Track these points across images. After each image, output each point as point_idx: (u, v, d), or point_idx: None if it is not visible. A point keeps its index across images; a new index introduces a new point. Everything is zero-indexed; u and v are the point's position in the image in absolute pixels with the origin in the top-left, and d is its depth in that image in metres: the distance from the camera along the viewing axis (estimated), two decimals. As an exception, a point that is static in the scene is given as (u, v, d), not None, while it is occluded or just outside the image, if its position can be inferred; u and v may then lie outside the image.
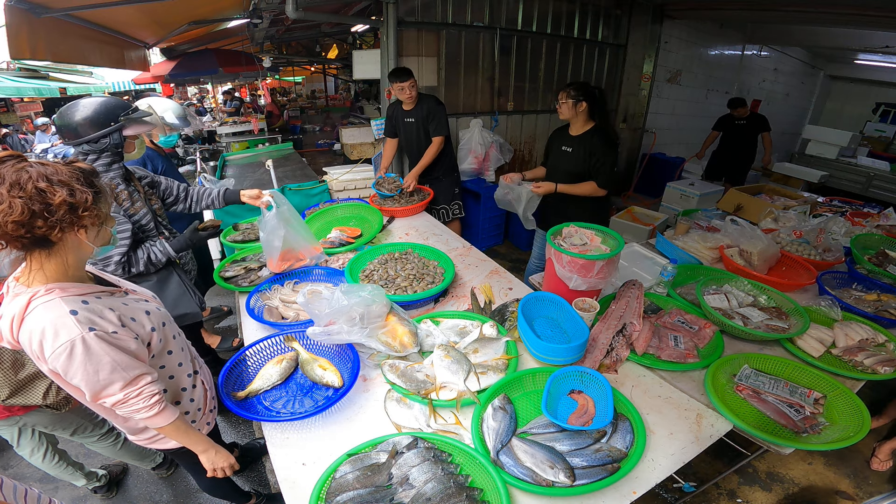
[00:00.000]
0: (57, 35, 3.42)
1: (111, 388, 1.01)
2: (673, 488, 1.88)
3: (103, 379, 0.99)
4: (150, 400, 1.07)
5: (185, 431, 1.20)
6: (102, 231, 1.03)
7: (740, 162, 4.86)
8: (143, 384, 1.05)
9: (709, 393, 1.36)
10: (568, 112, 2.33)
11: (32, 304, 0.94)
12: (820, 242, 2.32)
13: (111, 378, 0.99)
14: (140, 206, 1.73)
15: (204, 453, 1.26)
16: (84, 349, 0.94)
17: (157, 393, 1.08)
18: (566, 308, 1.64)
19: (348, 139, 7.14)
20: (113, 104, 1.61)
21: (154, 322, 1.14)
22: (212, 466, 1.28)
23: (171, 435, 1.18)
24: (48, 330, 0.92)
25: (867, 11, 3.69)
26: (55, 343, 0.93)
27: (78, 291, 1.00)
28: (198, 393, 1.34)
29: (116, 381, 1.00)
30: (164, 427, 1.13)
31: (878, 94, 8.99)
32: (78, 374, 0.96)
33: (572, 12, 4.68)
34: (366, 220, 2.56)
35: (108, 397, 1.02)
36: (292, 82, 15.79)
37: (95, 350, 0.96)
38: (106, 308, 1.02)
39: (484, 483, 1.10)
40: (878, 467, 2.06)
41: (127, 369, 1.01)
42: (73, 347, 0.93)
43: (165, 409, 1.11)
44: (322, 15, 3.96)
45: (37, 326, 0.93)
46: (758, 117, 4.71)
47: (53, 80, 8.97)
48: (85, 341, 0.94)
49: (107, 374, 0.99)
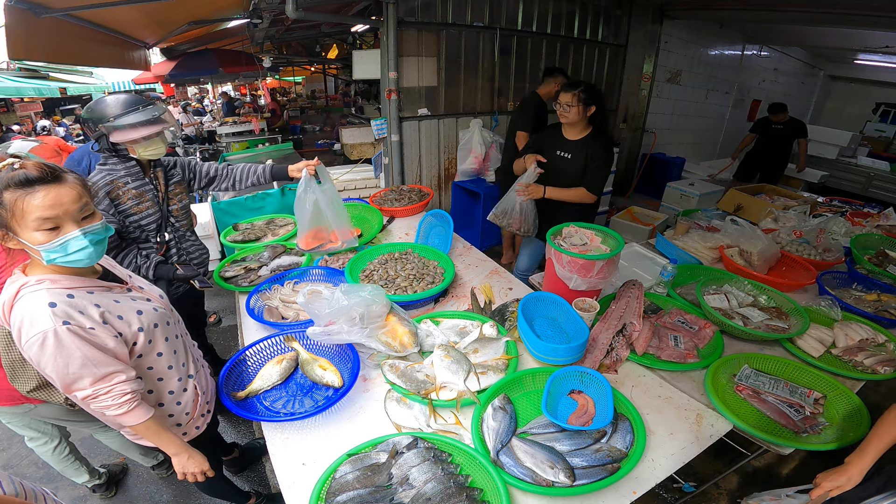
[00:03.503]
0: (57, 35, 3.42)
1: (81, 383, 1.02)
2: (673, 488, 1.88)
3: (73, 372, 1.00)
4: (121, 398, 1.06)
5: (156, 432, 1.19)
6: (20, 243, 0.97)
7: (774, 165, 4.89)
8: (115, 382, 1.05)
9: (709, 393, 1.36)
10: (576, 116, 2.14)
11: (21, 292, 0.98)
12: (820, 242, 2.32)
13: (81, 373, 1.00)
14: (147, 206, 1.73)
15: (175, 456, 1.26)
16: (55, 342, 0.96)
17: (129, 392, 1.08)
18: (566, 308, 1.64)
19: (348, 139, 7.14)
20: (102, 109, 1.59)
21: (144, 322, 1.14)
22: (182, 471, 1.27)
23: (143, 434, 1.18)
24: (26, 319, 0.96)
25: (867, 11, 3.69)
26: (29, 332, 0.95)
27: (69, 284, 1.02)
28: (187, 397, 1.31)
29: (86, 377, 1.01)
30: (136, 426, 1.14)
31: (878, 94, 8.99)
32: (49, 365, 0.98)
33: (572, 12, 4.68)
34: (366, 220, 2.55)
35: (77, 391, 1.03)
36: (292, 82, 15.80)
37: (67, 343, 0.97)
38: (91, 304, 1.03)
39: (484, 483, 1.10)
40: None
41: (98, 366, 1.02)
42: (45, 339, 0.95)
43: (136, 409, 1.10)
44: (322, 15, 3.95)
45: (18, 314, 0.96)
46: (796, 123, 4.73)
47: (53, 80, 8.96)
48: (57, 334, 0.96)
49: (76, 369, 1.00)
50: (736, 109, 7.35)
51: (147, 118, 1.61)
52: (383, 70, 3.75)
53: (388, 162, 4.10)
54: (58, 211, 0.95)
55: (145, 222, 1.74)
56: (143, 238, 1.78)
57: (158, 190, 1.79)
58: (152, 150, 1.69)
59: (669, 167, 5.58)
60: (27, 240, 0.96)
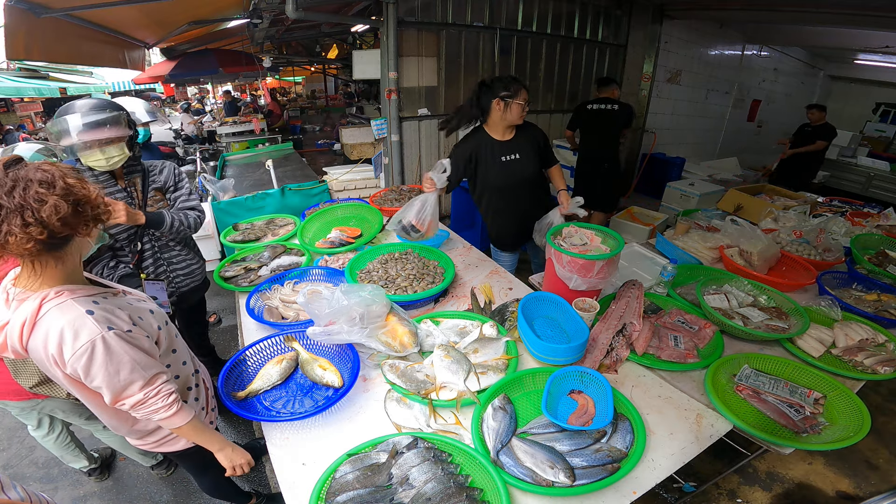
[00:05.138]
0: (55, 35, 3.42)
1: (132, 388, 1.00)
2: (673, 488, 1.88)
3: (124, 378, 0.98)
4: (169, 399, 1.06)
5: (201, 430, 1.19)
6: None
7: (805, 168, 4.99)
8: (160, 383, 1.05)
9: (709, 393, 1.36)
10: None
11: (44, 307, 0.91)
12: (820, 242, 2.32)
13: (131, 377, 0.99)
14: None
15: (220, 451, 1.25)
16: (105, 348, 0.93)
17: (173, 391, 1.07)
18: (566, 308, 1.63)
19: (348, 139, 7.14)
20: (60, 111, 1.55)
21: (158, 321, 1.14)
22: (230, 464, 1.27)
23: (188, 434, 1.16)
24: (67, 331, 0.90)
25: (867, 11, 3.69)
26: (76, 344, 0.91)
27: (86, 292, 0.98)
28: (201, 392, 1.34)
29: (136, 381, 1.00)
30: (182, 427, 1.12)
31: (878, 94, 8.99)
32: (99, 375, 0.95)
33: (572, 12, 4.68)
34: (366, 220, 2.55)
35: (128, 398, 1.01)
36: (292, 82, 15.80)
37: (116, 349, 0.95)
38: (116, 307, 1.01)
39: (484, 483, 1.09)
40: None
41: (145, 368, 1.01)
42: (94, 347, 0.92)
43: (183, 409, 1.10)
44: (322, 15, 3.96)
45: (54, 329, 0.90)
46: (826, 127, 4.84)
47: (53, 80, 8.97)
48: (105, 340, 0.93)
49: (127, 374, 0.98)
50: (736, 109, 7.35)
51: (87, 122, 1.51)
52: (383, 70, 3.76)
53: (388, 162, 4.10)
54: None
55: (115, 230, 1.65)
56: (118, 246, 1.71)
57: (134, 198, 1.71)
58: (94, 160, 1.54)
59: (669, 167, 5.58)
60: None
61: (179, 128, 9.17)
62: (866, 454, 2.15)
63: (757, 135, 8.09)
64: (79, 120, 1.51)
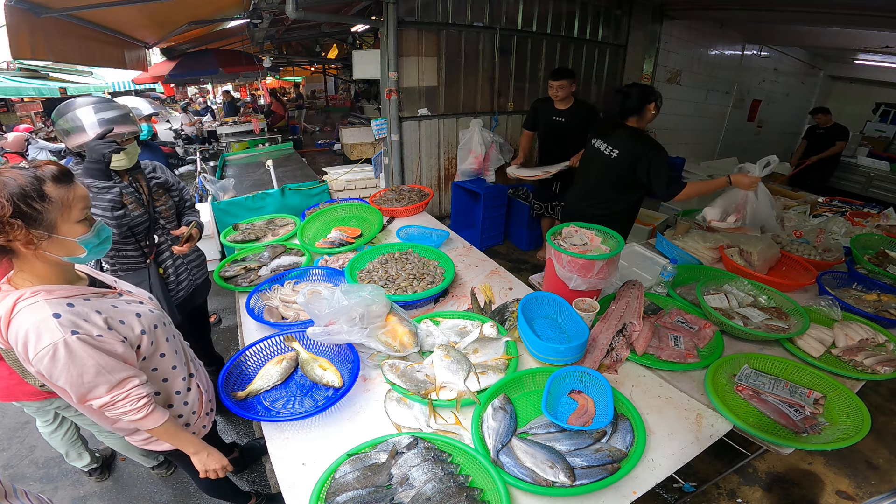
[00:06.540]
0: (57, 35, 3.42)
1: (97, 391, 1.01)
2: (673, 488, 1.88)
3: (88, 382, 0.98)
4: (138, 402, 1.06)
5: (174, 434, 1.19)
6: (55, 241, 0.95)
7: (822, 170, 5.03)
8: (131, 387, 1.05)
9: (709, 393, 1.36)
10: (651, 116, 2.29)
11: (18, 305, 0.94)
12: (820, 242, 2.32)
13: (96, 381, 0.99)
14: (133, 207, 1.69)
15: (195, 455, 1.26)
16: (67, 352, 0.94)
17: (145, 395, 1.08)
18: (566, 308, 1.63)
19: (348, 139, 7.14)
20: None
21: (145, 324, 1.13)
22: (203, 468, 1.28)
23: (162, 437, 1.18)
24: (31, 332, 0.92)
25: (867, 11, 3.69)
26: (38, 345, 0.92)
27: (65, 294, 0.99)
28: (192, 396, 1.32)
29: (101, 385, 1.00)
30: (154, 429, 1.13)
31: (878, 94, 8.97)
32: (62, 377, 0.96)
33: (572, 12, 4.68)
34: (366, 220, 2.55)
35: (94, 399, 1.02)
36: (292, 82, 15.81)
37: (79, 353, 0.95)
38: (92, 311, 1.01)
39: (484, 483, 1.10)
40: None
41: (112, 372, 1.01)
42: (55, 350, 0.93)
43: (154, 412, 1.11)
44: (322, 15, 3.96)
45: (21, 328, 0.92)
46: (838, 127, 4.91)
47: (53, 80, 8.96)
48: (67, 344, 0.94)
49: (91, 377, 0.98)
50: (736, 109, 7.34)
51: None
52: (383, 70, 3.75)
53: (388, 162, 4.10)
54: (89, 202, 1.03)
55: (132, 224, 1.67)
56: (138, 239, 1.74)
57: (141, 193, 1.74)
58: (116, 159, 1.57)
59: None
60: (67, 233, 0.96)
61: (179, 128, 9.18)
62: (866, 454, 2.15)
63: (757, 135, 8.08)
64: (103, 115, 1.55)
